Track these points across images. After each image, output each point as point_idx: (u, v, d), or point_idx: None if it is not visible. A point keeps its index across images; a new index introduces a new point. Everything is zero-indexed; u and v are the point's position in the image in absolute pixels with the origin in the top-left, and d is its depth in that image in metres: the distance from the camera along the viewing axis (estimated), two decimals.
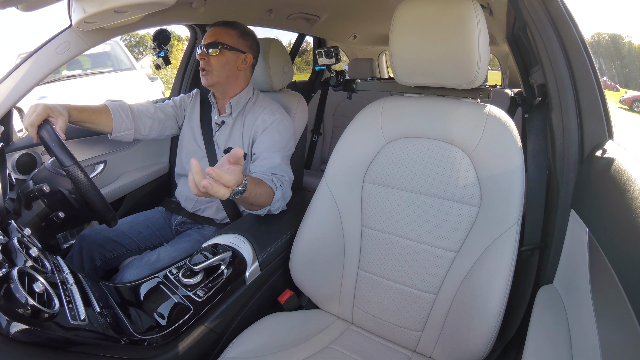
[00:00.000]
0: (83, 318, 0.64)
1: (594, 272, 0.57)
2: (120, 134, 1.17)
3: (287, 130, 1.18)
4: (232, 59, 1.16)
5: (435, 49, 0.80)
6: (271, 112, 1.18)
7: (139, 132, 1.21)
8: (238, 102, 1.21)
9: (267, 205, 1.00)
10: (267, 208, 1.01)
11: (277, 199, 1.02)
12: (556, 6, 0.78)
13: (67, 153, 0.89)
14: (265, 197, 0.97)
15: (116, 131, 1.15)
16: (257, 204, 0.97)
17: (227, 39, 1.15)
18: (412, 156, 0.88)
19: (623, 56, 1.73)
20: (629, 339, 0.41)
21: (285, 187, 1.07)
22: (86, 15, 0.93)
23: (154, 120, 1.24)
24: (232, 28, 1.17)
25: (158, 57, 1.39)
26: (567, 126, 0.79)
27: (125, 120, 1.17)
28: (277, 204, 1.04)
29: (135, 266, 1.05)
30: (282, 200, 1.06)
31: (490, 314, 0.76)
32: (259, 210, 1.02)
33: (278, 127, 1.15)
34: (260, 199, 0.95)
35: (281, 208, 1.08)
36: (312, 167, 2.61)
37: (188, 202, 1.26)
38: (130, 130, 1.18)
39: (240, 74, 1.20)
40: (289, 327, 0.93)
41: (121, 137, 1.18)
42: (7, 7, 0.87)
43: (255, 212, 1.04)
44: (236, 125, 1.21)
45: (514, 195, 0.76)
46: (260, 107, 1.20)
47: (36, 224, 0.92)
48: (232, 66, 1.17)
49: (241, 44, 1.17)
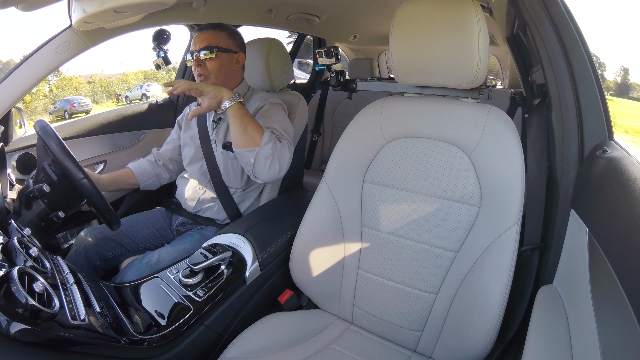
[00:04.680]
0: (83, 318, 0.64)
1: (594, 272, 0.57)
2: (146, 183, 1.31)
3: (282, 113, 1.19)
4: (227, 60, 1.16)
5: (435, 49, 0.80)
6: (268, 101, 1.19)
7: (162, 177, 1.35)
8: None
9: (256, 144, 1.01)
10: (256, 149, 1.00)
11: (266, 141, 1.00)
12: (556, 6, 0.78)
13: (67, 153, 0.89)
14: (254, 130, 1.02)
15: (142, 182, 1.30)
16: (247, 135, 1.01)
17: (220, 41, 1.15)
18: (412, 156, 0.88)
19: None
20: (629, 339, 0.41)
21: (280, 144, 1.04)
22: (86, 15, 0.93)
23: (174, 160, 1.37)
24: (221, 30, 1.17)
25: (158, 57, 1.40)
26: (567, 126, 0.78)
27: (147, 171, 1.31)
28: (267, 150, 1.00)
29: (136, 267, 1.06)
30: (274, 152, 1.01)
31: (490, 314, 0.76)
32: (249, 149, 1.01)
33: (273, 110, 1.17)
34: (250, 127, 1.02)
35: (272, 164, 1.01)
36: (312, 167, 2.61)
37: (189, 203, 1.26)
38: (153, 177, 1.32)
39: (236, 74, 1.22)
40: (289, 327, 0.93)
41: (150, 186, 1.33)
42: (7, 7, 0.87)
43: (245, 154, 1.02)
44: None
45: (514, 195, 0.76)
46: (255, 99, 1.22)
47: (36, 224, 0.92)
48: (229, 67, 1.17)
49: (232, 44, 1.18)
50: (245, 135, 1.01)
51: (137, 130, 1.55)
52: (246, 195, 1.24)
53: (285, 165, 1.05)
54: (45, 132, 0.90)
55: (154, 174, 1.32)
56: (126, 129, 1.51)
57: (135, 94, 14.12)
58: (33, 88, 1.10)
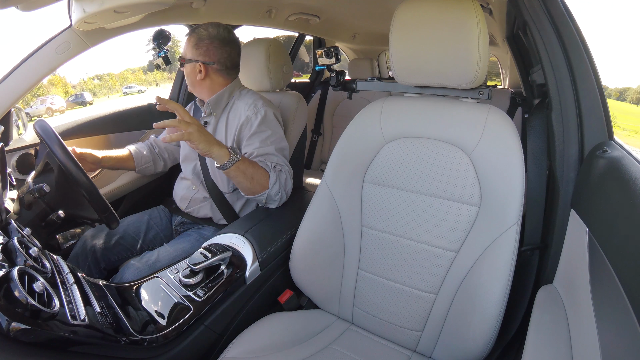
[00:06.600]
0: (83, 318, 0.64)
1: (594, 272, 0.57)
2: (142, 167, 1.32)
3: (274, 124, 1.16)
4: (191, 70, 1.17)
5: (435, 49, 0.80)
6: (255, 110, 1.14)
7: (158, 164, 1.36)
8: (217, 102, 1.19)
9: (265, 188, 1.04)
10: (266, 192, 1.04)
11: (273, 182, 1.03)
12: (556, 6, 0.78)
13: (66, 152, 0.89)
14: (260, 176, 1.02)
15: (138, 165, 1.31)
16: (254, 183, 1.02)
17: (186, 51, 1.16)
18: (412, 156, 0.88)
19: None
20: (629, 339, 0.41)
21: (283, 176, 1.07)
22: (86, 15, 0.93)
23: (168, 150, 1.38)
24: (190, 36, 1.16)
25: (158, 57, 1.40)
26: (567, 126, 0.78)
27: (145, 155, 1.32)
28: (276, 189, 1.04)
29: (135, 266, 1.06)
30: (280, 187, 1.06)
31: (490, 314, 0.76)
32: (259, 195, 1.05)
33: (265, 124, 1.13)
34: (256, 176, 1.01)
35: (281, 197, 1.08)
36: (312, 167, 2.61)
37: (182, 202, 1.27)
38: (150, 162, 1.33)
39: (206, 82, 1.17)
40: (289, 327, 0.93)
41: (145, 170, 1.34)
42: (7, 7, 0.87)
43: (256, 199, 1.07)
44: (220, 124, 1.20)
45: (514, 195, 0.76)
46: (243, 102, 1.17)
47: (36, 224, 0.92)
48: (193, 77, 1.17)
49: (195, 53, 1.14)
50: (252, 184, 1.02)
51: (137, 130, 1.55)
52: (239, 195, 1.22)
53: (290, 191, 1.12)
54: (45, 132, 0.90)
55: (150, 160, 1.33)
56: (126, 129, 1.51)
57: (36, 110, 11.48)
58: (33, 88, 1.10)
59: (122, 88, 20.62)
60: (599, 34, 3.81)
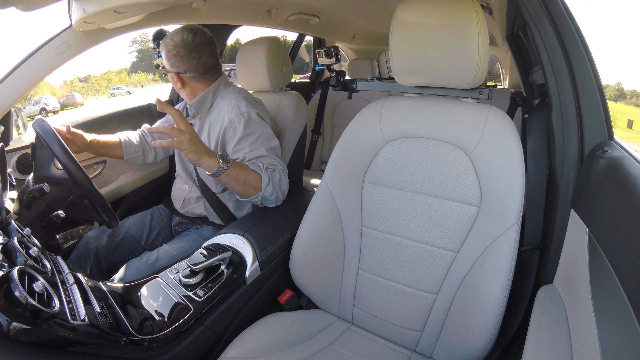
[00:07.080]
0: (83, 318, 0.64)
1: (594, 272, 0.57)
2: (130, 156, 1.29)
3: (260, 124, 1.10)
4: (171, 79, 1.18)
5: (435, 49, 0.80)
6: (238, 112, 1.09)
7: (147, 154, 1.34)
8: (201, 104, 1.18)
9: (258, 190, 1.03)
10: (259, 194, 1.04)
11: (266, 183, 1.03)
12: (556, 6, 0.78)
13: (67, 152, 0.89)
14: (252, 180, 1.01)
15: (127, 154, 1.29)
16: (247, 188, 1.01)
17: (165, 62, 1.15)
18: (412, 156, 0.88)
19: None
20: (629, 339, 0.41)
21: (277, 176, 1.06)
22: (86, 15, 0.93)
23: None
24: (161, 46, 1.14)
25: (158, 57, 1.39)
26: (567, 126, 0.78)
27: (134, 144, 1.30)
28: (269, 190, 1.04)
29: (135, 266, 1.06)
30: (275, 187, 1.05)
31: (490, 314, 0.76)
32: (254, 197, 1.04)
33: (251, 126, 1.08)
34: (248, 180, 1.00)
35: (277, 196, 1.07)
36: (312, 167, 2.61)
37: (177, 202, 1.27)
38: (139, 152, 1.31)
39: (186, 89, 1.17)
40: (288, 327, 0.93)
41: (133, 160, 1.31)
42: (7, 7, 0.87)
43: (251, 201, 1.06)
44: (204, 125, 1.19)
45: (514, 195, 0.76)
46: (227, 103, 1.12)
47: (36, 224, 0.92)
48: (174, 86, 1.18)
49: (167, 64, 1.13)
50: (245, 189, 1.02)
51: (137, 130, 1.55)
52: (231, 194, 1.20)
53: (286, 190, 1.11)
54: (45, 132, 0.90)
55: (140, 149, 1.31)
56: (126, 129, 1.51)
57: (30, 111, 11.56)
58: (33, 88, 1.10)
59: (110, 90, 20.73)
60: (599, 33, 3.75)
